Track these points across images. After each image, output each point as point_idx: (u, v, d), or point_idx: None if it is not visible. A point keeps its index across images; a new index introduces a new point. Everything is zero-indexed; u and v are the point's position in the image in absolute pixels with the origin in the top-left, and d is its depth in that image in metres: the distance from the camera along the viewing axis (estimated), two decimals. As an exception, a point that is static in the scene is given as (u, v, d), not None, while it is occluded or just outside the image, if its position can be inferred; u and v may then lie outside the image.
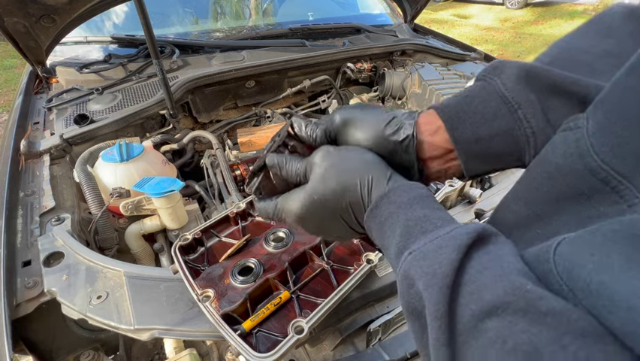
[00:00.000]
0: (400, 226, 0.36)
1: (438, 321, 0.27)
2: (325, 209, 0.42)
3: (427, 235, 0.33)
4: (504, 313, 0.24)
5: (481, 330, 0.25)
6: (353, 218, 0.42)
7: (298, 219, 0.45)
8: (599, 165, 0.29)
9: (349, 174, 0.41)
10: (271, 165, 0.46)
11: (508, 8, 9.84)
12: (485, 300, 0.26)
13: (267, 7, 2.15)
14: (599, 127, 0.29)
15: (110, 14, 1.79)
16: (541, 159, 0.36)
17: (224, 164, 1.32)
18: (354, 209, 0.41)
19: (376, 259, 0.74)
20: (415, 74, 1.78)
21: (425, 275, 0.29)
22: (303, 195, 0.43)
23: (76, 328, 0.93)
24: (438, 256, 0.29)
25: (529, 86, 0.38)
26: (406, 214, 0.36)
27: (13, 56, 5.82)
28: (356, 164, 0.42)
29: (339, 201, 0.41)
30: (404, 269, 0.32)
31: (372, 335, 0.74)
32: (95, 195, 1.04)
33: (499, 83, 0.40)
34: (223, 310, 0.63)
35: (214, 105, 1.72)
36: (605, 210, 0.29)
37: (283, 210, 0.46)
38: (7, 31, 1.32)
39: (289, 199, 0.45)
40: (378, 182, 0.40)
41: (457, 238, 0.30)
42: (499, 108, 0.40)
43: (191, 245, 0.78)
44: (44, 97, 1.51)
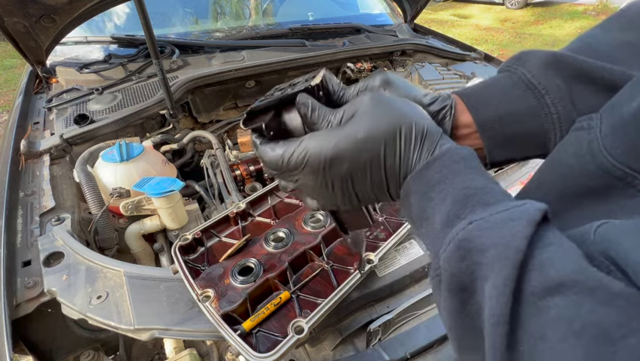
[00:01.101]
0: (454, 193, 0.32)
1: (505, 297, 0.25)
2: (369, 152, 0.35)
3: (491, 206, 0.29)
4: (569, 292, 0.23)
5: (542, 308, 0.24)
6: (397, 170, 0.36)
7: (326, 165, 0.36)
8: (613, 164, 0.29)
9: (405, 116, 0.35)
10: (303, 102, 0.38)
11: (508, 8, 9.84)
12: (550, 277, 0.24)
13: (267, 7, 2.15)
14: (612, 129, 0.30)
15: (110, 14, 1.79)
16: (554, 159, 0.36)
17: (224, 164, 1.32)
18: (402, 157, 0.35)
19: (376, 259, 0.74)
20: (415, 74, 1.78)
21: (495, 247, 0.27)
22: (342, 132, 0.36)
23: (76, 328, 0.93)
24: (510, 229, 0.27)
25: (556, 71, 0.38)
26: (464, 182, 0.32)
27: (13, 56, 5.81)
28: (411, 109, 0.37)
29: (389, 142, 0.35)
30: (461, 238, 0.29)
31: (372, 335, 0.74)
32: (95, 195, 1.04)
33: (524, 71, 0.40)
34: (223, 310, 0.63)
35: (214, 105, 1.72)
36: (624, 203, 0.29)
37: (308, 150, 0.36)
38: (7, 31, 1.32)
39: (320, 136, 0.36)
40: (432, 135, 0.35)
41: (529, 213, 0.27)
42: (524, 95, 0.39)
43: (191, 245, 0.78)
44: (44, 97, 1.51)
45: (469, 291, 0.28)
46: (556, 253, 0.25)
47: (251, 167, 1.37)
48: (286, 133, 0.41)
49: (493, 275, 0.26)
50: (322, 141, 0.36)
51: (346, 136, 0.35)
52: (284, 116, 0.41)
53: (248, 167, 1.36)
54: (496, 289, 0.25)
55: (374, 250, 0.76)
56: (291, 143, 0.38)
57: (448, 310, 0.31)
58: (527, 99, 0.39)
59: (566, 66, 0.38)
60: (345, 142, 0.35)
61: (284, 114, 0.41)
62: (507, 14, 9.49)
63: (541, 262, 0.25)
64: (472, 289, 0.28)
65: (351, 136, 0.35)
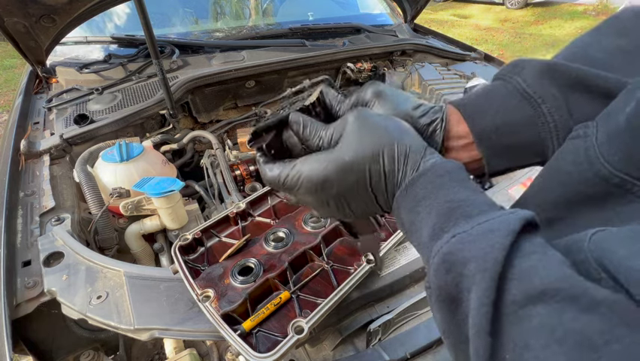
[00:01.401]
0: (438, 207, 0.33)
1: (485, 308, 0.25)
2: (355, 174, 0.37)
3: (473, 218, 0.30)
4: (551, 300, 0.23)
5: (523, 317, 0.24)
6: (383, 188, 0.38)
7: (318, 187, 0.39)
8: (611, 171, 0.30)
9: (387, 136, 0.37)
10: (294, 120, 0.41)
11: (508, 8, 9.84)
12: (532, 285, 0.24)
13: (267, 7, 2.15)
14: (607, 138, 0.30)
15: (110, 14, 1.79)
16: (551, 166, 0.36)
17: (224, 164, 1.32)
18: (387, 177, 0.37)
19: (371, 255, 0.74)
20: (415, 73, 1.78)
21: (475, 259, 0.27)
22: (330, 155, 0.38)
23: (76, 328, 0.93)
24: (489, 240, 0.27)
25: (552, 80, 0.39)
26: (447, 195, 0.33)
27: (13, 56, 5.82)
28: (394, 128, 0.38)
29: (373, 164, 0.37)
30: (445, 252, 0.30)
31: (372, 335, 0.74)
32: (95, 195, 1.04)
33: (519, 80, 0.40)
34: (223, 310, 0.63)
35: (214, 105, 1.72)
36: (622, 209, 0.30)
37: (301, 174, 0.39)
38: (7, 31, 1.32)
39: (311, 160, 0.39)
40: (415, 154, 0.36)
41: (508, 223, 0.28)
42: (520, 105, 0.40)
43: (191, 245, 0.78)
44: (44, 97, 1.51)
45: (456, 302, 0.29)
46: (538, 262, 0.26)
47: (251, 167, 1.37)
48: (286, 150, 0.44)
49: (475, 287, 0.27)
50: (313, 165, 0.39)
51: (335, 160, 0.38)
52: (283, 134, 0.44)
53: (248, 167, 1.36)
54: (477, 301, 0.26)
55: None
56: (286, 165, 0.40)
57: (440, 320, 0.32)
58: (524, 109, 0.40)
59: (561, 75, 0.38)
60: (333, 166, 0.37)
61: (284, 133, 0.44)
62: (507, 14, 9.49)
63: (522, 272, 0.26)
64: (458, 300, 0.29)
65: (338, 160, 0.37)
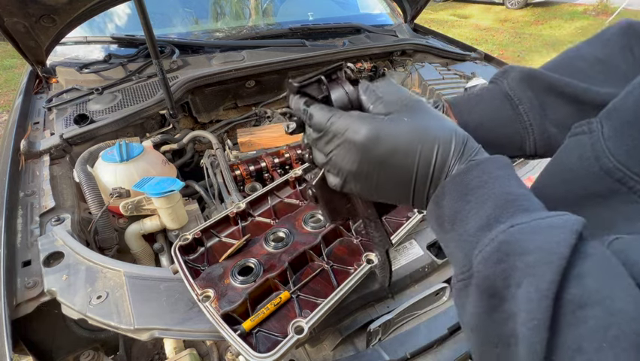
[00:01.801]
0: (494, 197, 0.32)
1: (547, 301, 0.25)
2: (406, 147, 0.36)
3: (532, 213, 0.30)
4: (608, 301, 0.23)
5: (580, 318, 0.24)
6: (430, 173, 0.36)
7: (362, 144, 0.37)
8: (615, 165, 0.30)
9: (448, 127, 0.37)
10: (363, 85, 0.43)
11: (508, 8, 9.84)
12: (589, 286, 0.24)
13: (267, 7, 2.15)
14: (615, 132, 0.31)
15: (110, 14, 1.79)
16: (556, 163, 0.37)
17: (224, 164, 1.32)
18: (436, 164, 0.36)
19: (376, 259, 0.73)
20: (415, 74, 1.78)
21: (539, 251, 0.27)
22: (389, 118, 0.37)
23: (76, 328, 0.93)
24: (554, 235, 0.27)
25: (529, 85, 0.45)
26: (503, 187, 0.33)
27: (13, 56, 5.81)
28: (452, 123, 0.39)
29: (427, 145, 0.35)
30: (501, 240, 0.29)
31: (372, 335, 0.74)
32: (95, 195, 1.04)
33: (505, 83, 0.47)
34: (223, 310, 0.63)
35: (214, 105, 1.72)
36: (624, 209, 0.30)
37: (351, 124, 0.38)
38: (7, 31, 1.32)
39: (367, 117, 0.38)
40: (469, 148, 0.36)
41: (572, 222, 0.27)
42: (503, 105, 0.46)
43: (191, 245, 0.78)
44: (44, 97, 1.51)
45: (499, 297, 0.28)
46: (596, 264, 0.26)
47: (251, 167, 1.37)
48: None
49: (534, 279, 0.26)
50: (366, 119, 0.37)
51: (391, 124, 0.37)
52: (331, 91, 0.43)
53: (248, 167, 1.36)
54: (538, 293, 0.25)
55: (374, 250, 0.76)
56: (340, 111, 0.40)
57: (475, 313, 0.30)
58: (505, 108, 0.46)
59: (538, 81, 0.44)
60: (388, 129, 0.36)
61: (331, 90, 0.43)
62: (507, 14, 9.49)
63: (582, 272, 0.25)
64: (503, 295, 0.28)
65: (394, 127, 0.36)
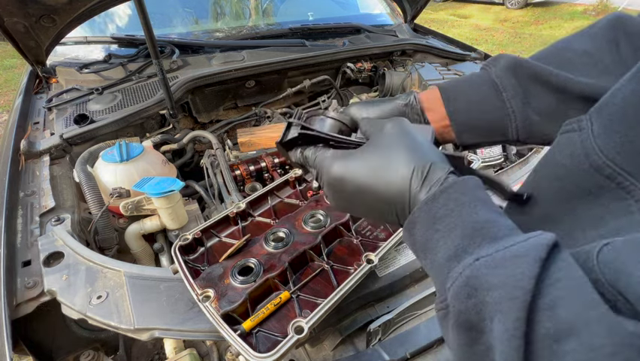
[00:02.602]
0: (461, 226, 0.32)
1: (517, 341, 0.24)
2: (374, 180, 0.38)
3: (498, 241, 0.29)
4: (584, 333, 0.22)
5: (559, 353, 0.23)
6: (397, 201, 0.38)
7: (336, 182, 0.41)
8: (604, 162, 0.30)
9: (412, 153, 0.38)
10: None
11: (508, 8, 9.83)
12: (562, 317, 0.23)
13: (267, 7, 2.15)
14: (604, 128, 0.31)
15: (110, 14, 1.79)
16: (548, 161, 0.37)
17: (224, 164, 1.32)
18: (410, 192, 0.37)
19: (376, 259, 0.74)
20: (415, 73, 1.78)
21: (502, 286, 0.26)
22: (355, 155, 0.41)
23: (76, 328, 0.93)
24: (517, 267, 0.26)
25: (514, 74, 0.46)
26: (470, 215, 0.32)
27: (13, 56, 5.81)
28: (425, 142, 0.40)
29: (394, 175, 0.37)
30: (468, 275, 0.29)
31: (372, 335, 0.74)
32: (95, 195, 1.04)
33: (493, 71, 0.48)
34: (223, 310, 0.63)
35: (214, 105, 1.72)
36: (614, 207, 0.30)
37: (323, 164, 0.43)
38: (7, 31, 1.32)
39: (336, 154, 0.43)
40: (436, 169, 0.37)
41: (536, 248, 0.27)
42: (489, 91, 0.47)
43: (191, 245, 0.78)
44: (44, 97, 1.51)
45: (476, 330, 0.28)
46: (566, 291, 0.24)
47: (251, 167, 1.37)
48: None
49: (502, 316, 0.25)
50: (336, 159, 0.42)
51: (355, 162, 0.40)
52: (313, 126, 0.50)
53: (248, 167, 1.36)
54: (506, 332, 0.24)
55: (374, 250, 0.76)
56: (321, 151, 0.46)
57: (457, 345, 0.30)
58: (491, 95, 0.47)
59: (523, 70, 0.45)
60: (351, 170, 0.40)
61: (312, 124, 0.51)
62: (507, 14, 9.48)
63: (552, 302, 0.24)
64: (480, 328, 0.28)
65: (357, 166, 0.40)
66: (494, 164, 1.51)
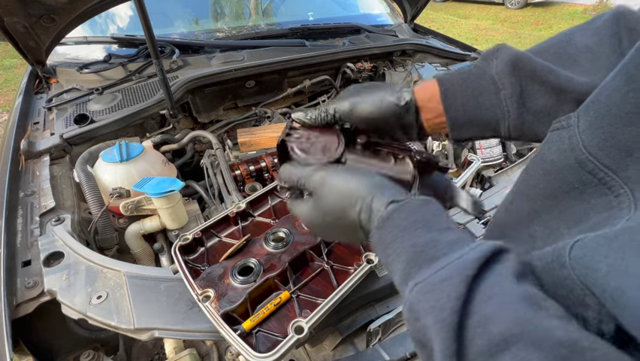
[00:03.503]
0: (405, 251, 0.34)
1: (448, 360, 0.25)
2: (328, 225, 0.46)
3: (434, 262, 0.31)
4: (515, 348, 0.23)
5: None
6: (358, 234, 0.43)
7: (307, 223, 0.50)
8: (586, 157, 0.31)
9: (347, 196, 0.43)
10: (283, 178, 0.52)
11: (508, 8, 9.84)
12: (493, 333, 0.24)
13: (267, 7, 2.15)
14: (589, 125, 0.32)
15: (110, 14, 1.79)
16: (538, 157, 0.38)
17: (224, 164, 1.32)
18: (361, 226, 0.42)
19: (376, 259, 0.73)
20: (415, 73, 1.78)
21: (432, 310, 0.28)
22: (308, 207, 0.48)
23: (77, 328, 0.93)
24: (444, 289, 0.28)
25: (514, 71, 0.44)
26: (411, 239, 0.35)
27: (13, 56, 5.81)
28: (353, 185, 0.43)
29: (340, 219, 0.43)
30: (410, 302, 0.31)
31: (372, 335, 0.74)
32: (95, 195, 1.04)
33: (493, 65, 0.46)
34: (223, 310, 0.63)
35: (214, 105, 1.72)
36: (596, 202, 0.30)
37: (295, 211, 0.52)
38: (7, 31, 1.32)
39: (300, 204, 0.51)
40: (379, 202, 0.40)
41: (464, 268, 0.28)
42: (488, 87, 0.46)
43: (191, 245, 0.78)
44: (44, 97, 1.51)
45: (428, 348, 0.29)
46: (497, 306, 0.25)
47: (251, 167, 1.37)
48: None
49: (436, 338, 0.27)
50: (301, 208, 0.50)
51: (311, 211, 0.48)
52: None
53: (248, 167, 1.36)
54: (440, 353, 0.26)
55: (374, 250, 0.75)
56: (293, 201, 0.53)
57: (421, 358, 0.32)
58: (489, 91, 0.46)
59: (524, 67, 0.44)
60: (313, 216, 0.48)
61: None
62: (507, 14, 9.48)
63: (484, 319, 0.25)
64: (429, 347, 0.29)
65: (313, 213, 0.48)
66: (494, 164, 1.51)
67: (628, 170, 0.28)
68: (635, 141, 0.28)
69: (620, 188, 0.29)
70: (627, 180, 0.28)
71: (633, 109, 0.28)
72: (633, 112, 0.28)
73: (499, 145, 1.54)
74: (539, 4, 9.80)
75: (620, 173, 0.29)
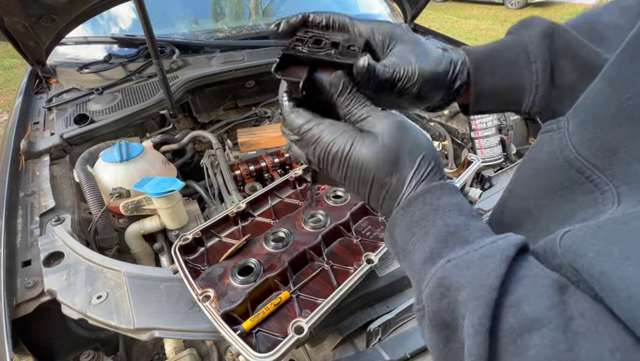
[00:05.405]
0: (436, 230, 0.34)
1: (481, 336, 0.25)
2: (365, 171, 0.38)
3: (470, 244, 0.31)
4: (545, 329, 0.24)
5: (521, 347, 0.24)
6: (382, 198, 0.38)
7: (328, 158, 0.39)
8: (575, 156, 0.32)
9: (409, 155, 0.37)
10: (334, 82, 0.39)
11: (508, 8, 9.84)
12: (526, 313, 0.25)
13: (267, 7, 2.15)
14: (577, 126, 0.33)
15: (111, 14, 1.79)
16: (530, 158, 0.39)
17: (225, 164, 1.32)
18: (389, 191, 0.38)
19: (376, 259, 0.73)
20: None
21: (469, 285, 0.27)
22: (353, 139, 0.38)
23: (77, 328, 0.93)
24: (484, 267, 0.28)
25: (548, 43, 0.42)
26: (444, 219, 0.34)
27: (13, 56, 5.81)
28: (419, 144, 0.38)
29: (384, 174, 0.37)
30: (440, 276, 0.30)
31: (372, 335, 0.74)
32: (95, 195, 1.04)
33: (526, 35, 0.44)
34: (223, 310, 0.63)
35: (214, 105, 1.72)
36: (583, 200, 0.31)
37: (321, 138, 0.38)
38: (7, 31, 1.32)
39: (336, 129, 0.38)
40: (432, 169, 0.37)
41: (504, 249, 0.28)
42: (519, 58, 0.44)
43: (191, 245, 0.78)
44: (44, 97, 1.51)
45: (451, 328, 0.29)
46: (530, 288, 0.26)
47: (251, 167, 1.37)
48: (318, 92, 0.40)
49: (469, 314, 0.27)
50: (335, 135, 0.38)
51: (356, 146, 0.38)
52: (318, 76, 0.40)
53: (248, 167, 1.36)
54: (472, 328, 0.26)
55: (374, 250, 0.76)
56: (312, 120, 0.39)
57: (434, 344, 0.32)
58: (520, 63, 0.44)
59: (559, 38, 0.42)
60: (352, 149, 0.38)
61: (319, 74, 0.40)
62: (507, 14, 9.49)
63: (517, 299, 0.26)
64: (453, 326, 0.29)
65: (359, 149, 0.38)
66: (494, 164, 1.51)
67: (613, 168, 0.29)
68: (620, 141, 0.29)
69: (605, 185, 0.30)
70: (612, 178, 0.29)
71: (617, 111, 0.29)
72: (617, 114, 0.29)
73: (499, 145, 1.54)
74: (539, 4, 9.80)
75: (606, 171, 0.30)
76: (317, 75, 0.40)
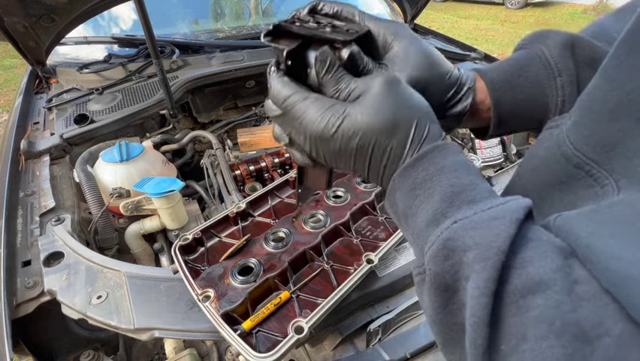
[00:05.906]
0: (441, 191, 0.32)
1: (486, 298, 0.25)
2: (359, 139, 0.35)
3: (477, 204, 0.30)
4: (550, 291, 0.24)
5: (523, 307, 0.24)
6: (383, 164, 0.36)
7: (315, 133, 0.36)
8: (572, 152, 0.32)
9: (408, 115, 0.35)
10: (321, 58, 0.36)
11: (508, 8, 9.84)
12: (531, 275, 0.25)
13: (267, 7, 2.15)
14: (574, 122, 0.33)
15: (111, 14, 1.79)
16: (529, 155, 0.39)
17: (225, 164, 1.32)
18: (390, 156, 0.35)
19: (376, 259, 0.74)
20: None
21: (477, 247, 0.27)
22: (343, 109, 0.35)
23: (77, 328, 0.93)
24: (493, 228, 0.27)
25: (573, 55, 0.40)
26: (450, 179, 0.32)
27: (13, 56, 5.81)
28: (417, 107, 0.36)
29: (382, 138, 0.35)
30: (445, 238, 0.29)
31: (372, 335, 0.74)
32: (95, 195, 1.04)
33: (543, 49, 0.42)
34: (223, 310, 0.63)
35: (214, 105, 1.72)
36: (583, 193, 0.31)
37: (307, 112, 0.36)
38: (7, 31, 1.32)
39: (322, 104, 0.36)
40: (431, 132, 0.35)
41: (514, 211, 0.27)
42: (538, 73, 0.41)
43: (191, 245, 0.78)
44: (44, 97, 1.51)
45: (452, 290, 0.29)
46: (535, 250, 0.26)
47: (251, 167, 1.37)
48: (304, 68, 0.38)
49: (475, 275, 0.26)
50: (322, 109, 0.35)
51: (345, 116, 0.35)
52: (309, 51, 0.38)
53: (248, 167, 1.36)
54: (477, 290, 0.26)
55: (374, 250, 0.76)
56: (298, 92, 0.37)
57: (432, 307, 0.31)
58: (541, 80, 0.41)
59: (582, 50, 0.40)
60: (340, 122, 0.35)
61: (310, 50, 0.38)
62: (507, 14, 9.49)
63: (523, 260, 0.26)
64: (454, 288, 0.29)
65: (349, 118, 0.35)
66: (494, 164, 1.51)
67: (612, 163, 0.30)
68: (618, 137, 0.29)
69: (605, 179, 0.30)
70: (612, 172, 0.29)
71: (614, 107, 0.29)
72: (614, 109, 0.29)
73: (499, 145, 1.54)
74: (539, 4, 9.80)
75: (605, 166, 0.30)
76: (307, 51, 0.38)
